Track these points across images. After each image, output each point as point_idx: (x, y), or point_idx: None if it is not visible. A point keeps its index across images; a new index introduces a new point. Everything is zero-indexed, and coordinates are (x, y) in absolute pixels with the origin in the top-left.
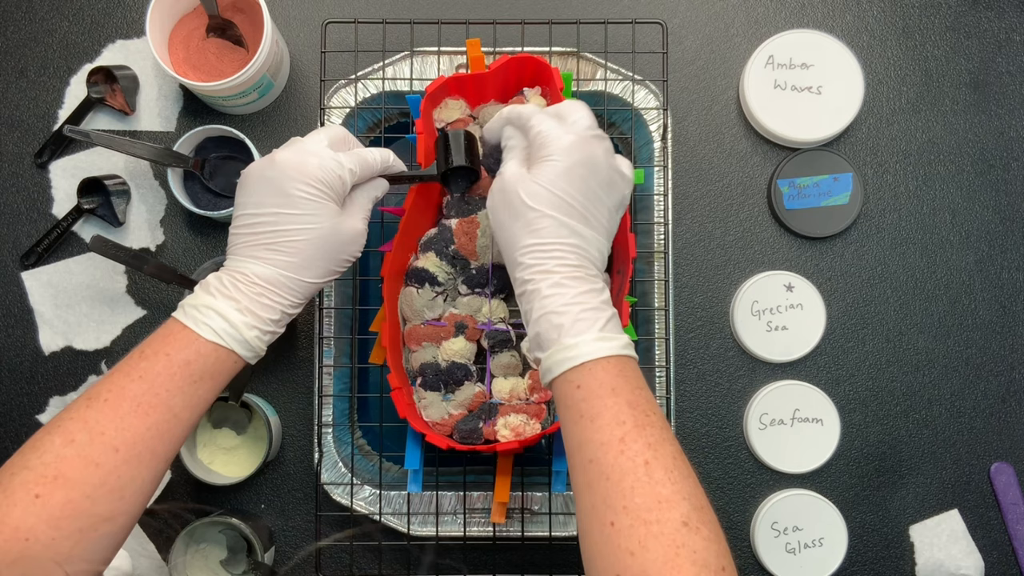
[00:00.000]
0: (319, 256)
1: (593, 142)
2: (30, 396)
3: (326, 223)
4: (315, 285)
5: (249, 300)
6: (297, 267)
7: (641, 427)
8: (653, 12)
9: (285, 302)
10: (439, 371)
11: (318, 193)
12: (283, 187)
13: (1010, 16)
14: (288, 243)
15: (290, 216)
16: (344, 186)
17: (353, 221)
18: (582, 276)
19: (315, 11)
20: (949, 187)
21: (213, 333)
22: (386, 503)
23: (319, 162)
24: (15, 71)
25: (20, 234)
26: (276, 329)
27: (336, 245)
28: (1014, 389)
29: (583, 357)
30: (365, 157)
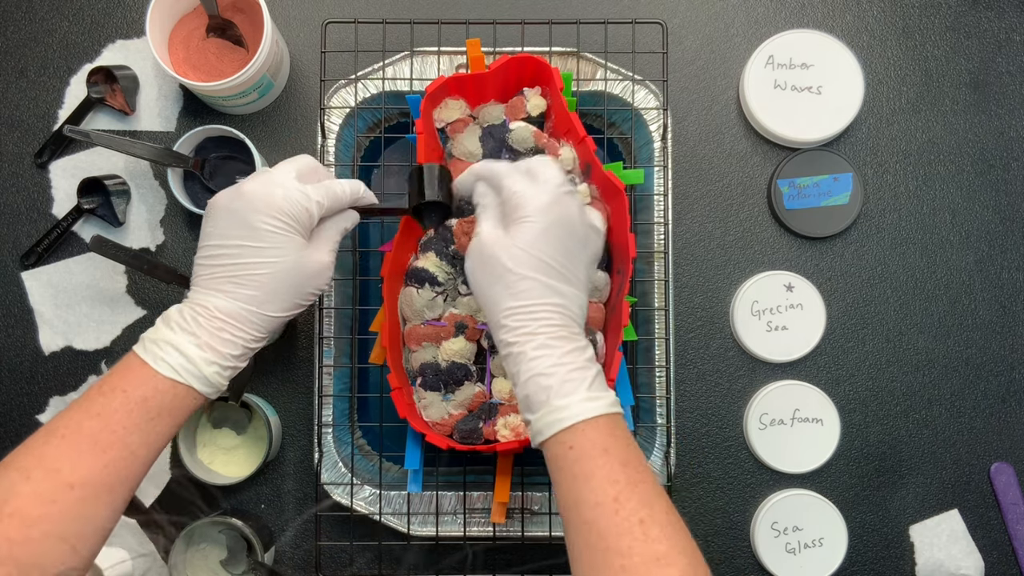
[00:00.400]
0: (282, 290)
1: (566, 199)
2: (30, 396)
3: (290, 256)
4: (278, 319)
5: (209, 335)
6: (260, 301)
7: (634, 484)
8: (653, 12)
9: (247, 336)
10: (439, 371)
11: (283, 226)
12: (248, 219)
13: (1010, 16)
14: (250, 276)
15: (254, 249)
16: (311, 219)
17: (319, 254)
18: (566, 336)
19: (315, 11)
20: (949, 187)
21: (171, 369)
22: (386, 503)
23: (284, 194)
24: (15, 71)
25: (20, 234)
26: (237, 364)
27: (300, 279)
28: (1014, 389)
29: (574, 418)
30: (334, 189)
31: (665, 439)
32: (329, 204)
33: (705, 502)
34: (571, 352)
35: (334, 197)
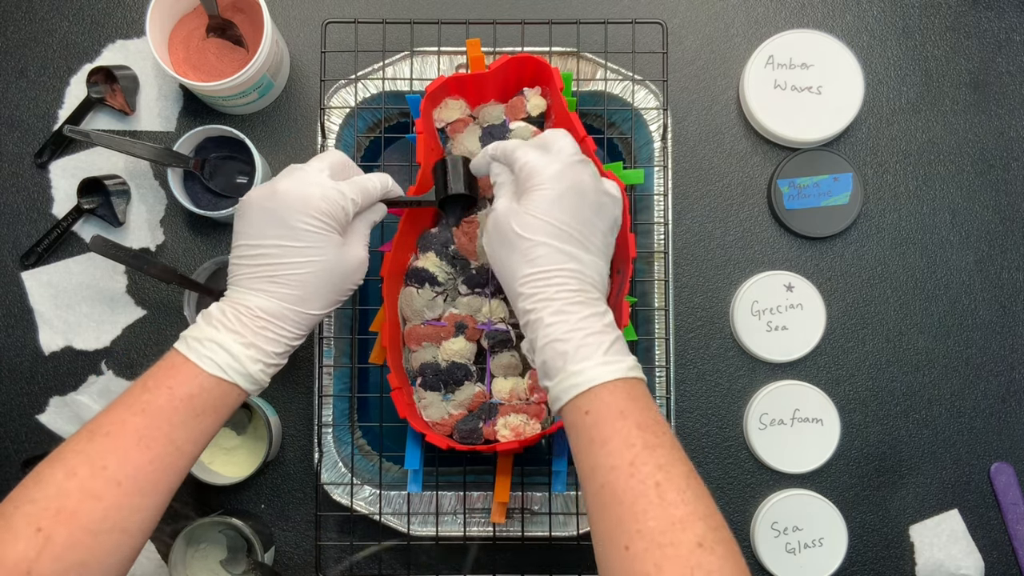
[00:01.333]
0: (323, 287)
1: (579, 167)
2: (30, 396)
3: (330, 254)
4: (318, 316)
5: (253, 334)
6: (301, 300)
7: (651, 448)
8: (653, 12)
9: (289, 335)
10: (439, 371)
11: (322, 225)
12: (285, 219)
13: (1010, 16)
14: (292, 276)
15: (294, 249)
16: (347, 216)
17: (356, 249)
18: (583, 300)
19: (315, 11)
20: (949, 187)
21: (217, 367)
22: (386, 503)
23: (322, 193)
24: (15, 71)
25: (20, 234)
26: (280, 361)
27: (340, 275)
28: (1014, 389)
29: (590, 382)
30: (366, 185)
31: None
32: (362, 200)
33: None
34: (588, 317)
35: (366, 193)
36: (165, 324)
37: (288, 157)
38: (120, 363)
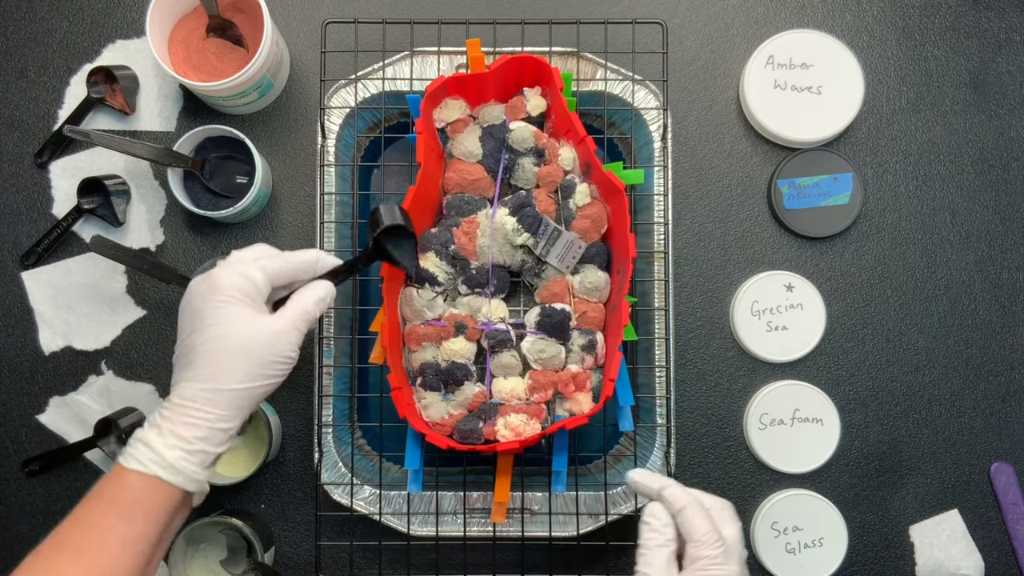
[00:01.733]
0: (234, 361)
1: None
2: (30, 396)
3: (237, 326)
4: (239, 392)
5: (171, 422)
6: (211, 376)
7: None
8: (653, 12)
9: (209, 416)
10: (439, 371)
11: (225, 299)
12: (194, 306)
13: (1010, 16)
14: (200, 355)
15: (201, 329)
16: (255, 286)
17: (277, 322)
18: None
19: (315, 11)
20: (949, 187)
21: (136, 462)
22: (386, 503)
23: (221, 270)
24: (15, 71)
25: (20, 234)
26: (207, 448)
27: (252, 347)
28: (1014, 389)
29: None
30: (282, 255)
31: (665, 439)
32: (276, 268)
33: None
34: None
35: (282, 263)
36: (165, 324)
37: (288, 157)
38: (120, 363)
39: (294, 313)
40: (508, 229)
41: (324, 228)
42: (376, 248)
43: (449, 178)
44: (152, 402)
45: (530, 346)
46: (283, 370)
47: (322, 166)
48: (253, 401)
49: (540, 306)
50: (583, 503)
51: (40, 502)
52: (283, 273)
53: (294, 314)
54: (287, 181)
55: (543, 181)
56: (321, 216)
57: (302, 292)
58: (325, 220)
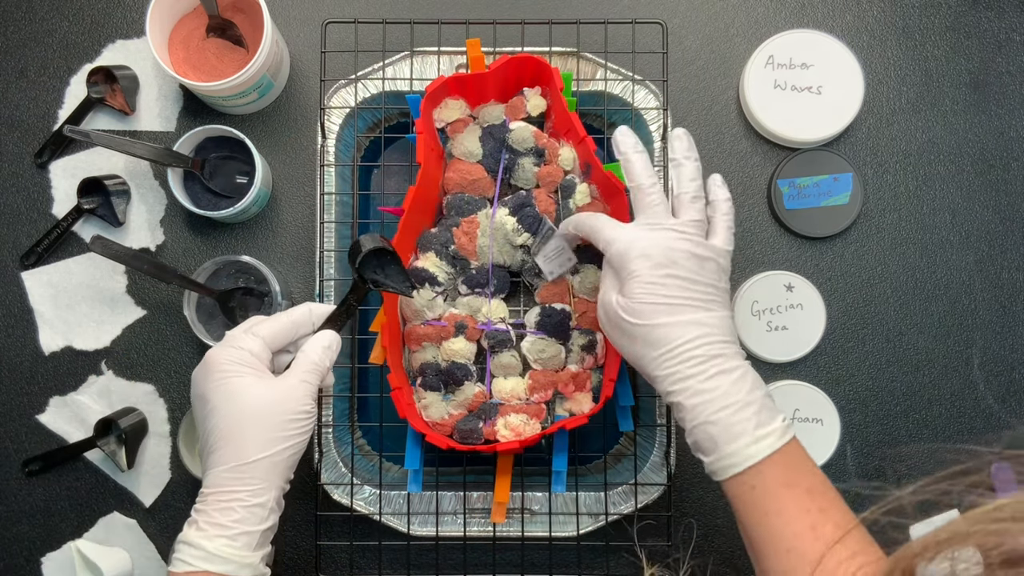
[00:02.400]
0: (247, 430)
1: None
2: (30, 396)
3: (243, 397)
4: (263, 462)
5: (206, 514)
6: (230, 455)
7: (825, 511)
8: (653, 12)
9: (239, 495)
10: (439, 371)
11: (224, 373)
12: (199, 392)
13: (1010, 16)
14: (216, 436)
15: (210, 411)
16: (249, 353)
17: (283, 381)
18: (719, 368)
19: (315, 11)
20: (949, 187)
21: (182, 563)
22: (386, 503)
23: (215, 349)
24: (15, 71)
25: (20, 234)
26: (249, 529)
27: (262, 410)
28: (1014, 389)
29: (746, 462)
30: (275, 318)
31: (665, 439)
32: (269, 331)
33: (705, 502)
34: (729, 389)
35: (273, 324)
36: (165, 324)
37: (288, 157)
38: (120, 363)
39: (301, 367)
40: (508, 229)
41: (324, 228)
42: (362, 278)
43: (449, 178)
44: (152, 402)
45: (530, 346)
46: (302, 428)
47: (322, 166)
48: (282, 467)
49: (540, 306)
50: (583, 503)
51: (40, 502)
52: (278, 333)
53: (301, 368)
54: (287, 181)
55: (543, 181)
56: (321, 216)
57: (305, 346)
58: (325, 220)
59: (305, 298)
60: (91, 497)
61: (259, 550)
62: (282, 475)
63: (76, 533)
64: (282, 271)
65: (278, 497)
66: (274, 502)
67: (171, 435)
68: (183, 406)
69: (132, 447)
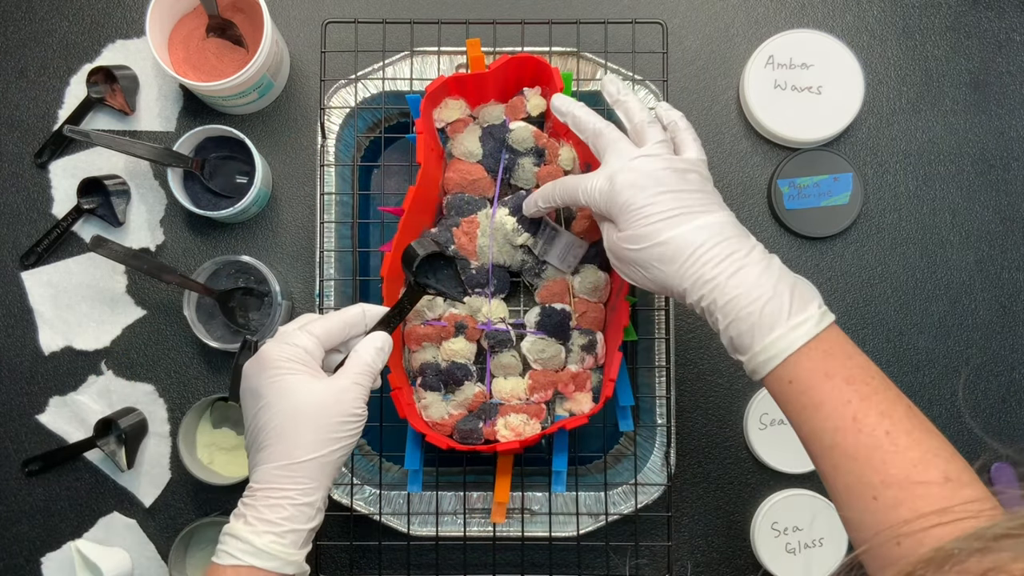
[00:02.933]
0: (300, 429)
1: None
2: (30, 396)
3: (297, 395)
4: (314, 462)
5: (255, 509)
6: (283, 452)
7: (867, 399)
8: (653, 12)
9: (289, 491)
10: (439, 371)
11: (279, 371)
12: (255, 388)
13: (1010, 16)
14: (267, 433)
15: (263, 407)
16: (304, 350)
17: (337, 381)
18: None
19: (315, 11)
20: (949, 187)
21: (229, 556)
22: (386, 503)
23: (270, 344)
24: (15, 71)
25: (20, 234)
26: (297, 527)
27: (316, 410)
28: (1014, 389)
29: (783, 353)
30: (328, 316)
31: (665, 439)
32: (322, 329)
33: (705, 502)
34: (756, 283)
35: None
36: (165, 324)
37: (288, 157)
38: (120, 363)
39: (354, 368)
40: (508, 229)
41: (324, 228)
42: (418, 283)
43: (449, 178)
44: (152, 402)
45: (530, 346)
46: (353, 430)
47: (322, 166)
48: (331, 468)
49: (540, 306)
50: (583, 503)
51: (40, 502)
52: (332, 332)
53: (354, 369)
54: (287, 181)
55: (543, 181)
56: (321, 216)
57: (358, 347)
58: (325, 220)
59: (305, 298)
60: (91, 497)
61: (304, 548)
62: (331, 475)
63: (76, 533)
64: (282, 271)
65: (325, 496)
66: (321, 501)
67: (171, 435)
68: (183, 406)
69: (132, 447)
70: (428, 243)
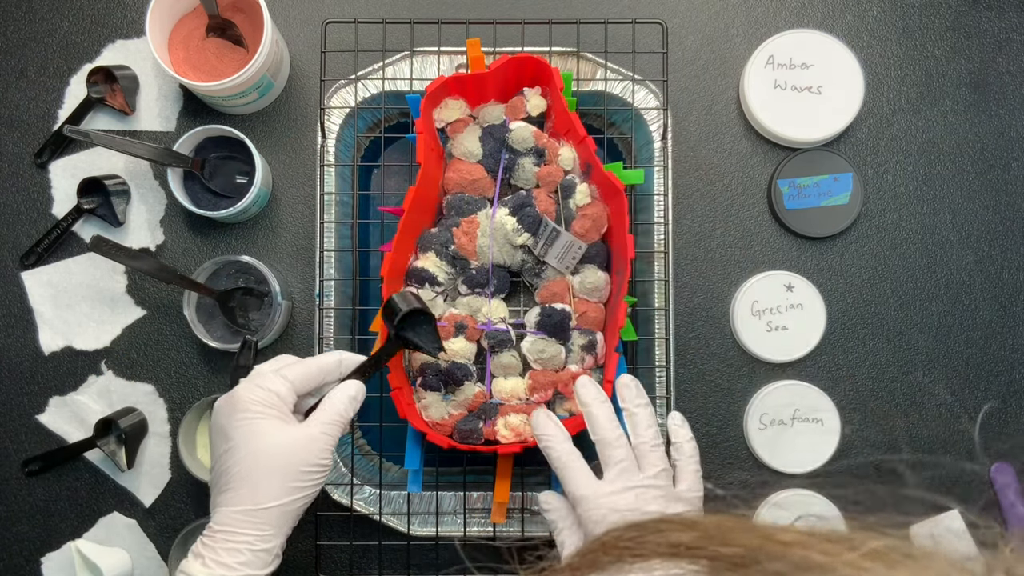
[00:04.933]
0: (265, 476)
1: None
2: (30, 396)
3: (265, 440)
4: (276, 509)
5: (213, 550)
6: (245, 497)
7: None
8: (653, 12)
9: (248, 537)
10: (439, 371)
11: (250, 415)
12: (220, 425)
13: (1010, 16)
14: (233, 476)
15: (230, 449)
16: (277, 396)
17: (306, 429)
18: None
19: (315, 11)
20: (949, 187)
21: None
22: (386, 503)
23: (243, 386)
24: (15, 71)
25: (20, 234)
26: (252, 572)
27: (283, 457)
28: (1014, 389)
29: None
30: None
31: (665, 439)
32: (297, 375)
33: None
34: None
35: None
36: (165, 324)
37: (288, 157)
38: (120, 363)
39: (325, 417)
40: (508, 229)
41: (324, 228)
42: (398, 337)
43: (449, 178)
44: (152, 402)
45: (530, 346)
46: (317, 479)
47: (322, 166)
48: (293, 516)
49: (540, 306)
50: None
51: (40, 502)
52: (306, 378)
53: (325, 418)
54: (287, 181)
55: (543, 181)
56: (321, 216)
57: (332, 394)
58: (325, 220)
59: (305, 298)
60: (91, 497)
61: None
62: (291, 523)
63: (76, 533)
64: (282, 271)
65: (283, 543)
66: (279, 548)
67: (171, 435)
68: (183, 406)
69: (132, 447)
70: (411, 299)
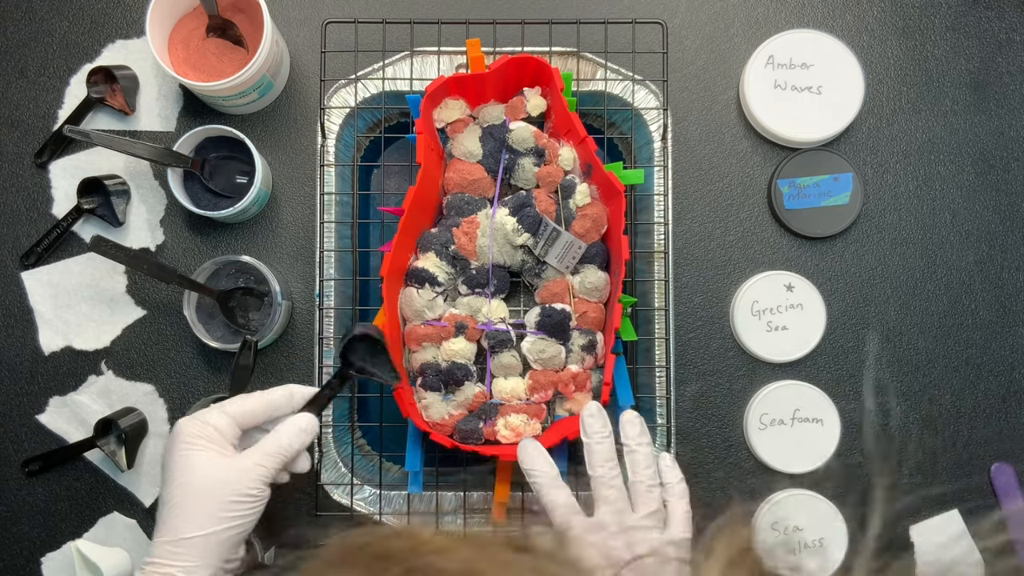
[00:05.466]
0: (193, 504)
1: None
2: (30, 396)
3: (196, 471)
4: (201, 539)
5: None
6: (175, 527)
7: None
8: (653, 12)
9: (172, 570)
10: (439, 371)
11: (187, 447)
12: (165, 462)
13: (1010, 16)
14: (167, 506)
15: (167, 481)
16: (214, 429)
17: (239, 461)
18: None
19: (315, 11)
20: (949, 187)
21: None
22: (386, 503)
23: (184, 420)
24: (15, 71)
25: (20, 234)
26: None
27: (210, 487)
28: (1014, 389)
29: None
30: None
31: (665, 439)
32: (240, 409)
33: (705, 502)
34: None
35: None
36: (165, 324)
37: (288, 157)
38: (120, 363)
39: (264, 448)
40: (508, 229)
41: (324, 228)
42: (346, 364)
43: (449, 178)
44: (152, 402)
45: (530, 346)
46: (247, 510)
47: (322, 166)
48: (221, 547)
49: (540, 306)
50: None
51: (40, 502)
52: (251, 412)
53: (263, 449)
54: (287, 181)
55: (543, 181)
56: (321, 216)
57: (280, 427)
58: (325, 220)
59: (305, 298)
60: (91, 497)
61: None
62: (220, 555)
63: (76, 533)
64: (282, 271)
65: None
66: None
67: None
68: (183, 406)
69: (132, 447)
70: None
